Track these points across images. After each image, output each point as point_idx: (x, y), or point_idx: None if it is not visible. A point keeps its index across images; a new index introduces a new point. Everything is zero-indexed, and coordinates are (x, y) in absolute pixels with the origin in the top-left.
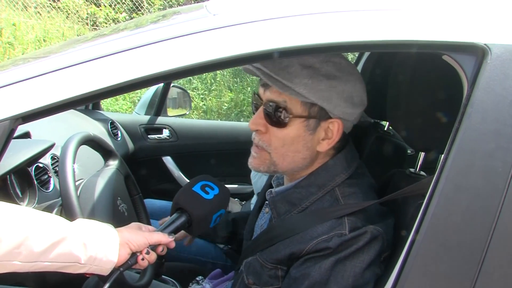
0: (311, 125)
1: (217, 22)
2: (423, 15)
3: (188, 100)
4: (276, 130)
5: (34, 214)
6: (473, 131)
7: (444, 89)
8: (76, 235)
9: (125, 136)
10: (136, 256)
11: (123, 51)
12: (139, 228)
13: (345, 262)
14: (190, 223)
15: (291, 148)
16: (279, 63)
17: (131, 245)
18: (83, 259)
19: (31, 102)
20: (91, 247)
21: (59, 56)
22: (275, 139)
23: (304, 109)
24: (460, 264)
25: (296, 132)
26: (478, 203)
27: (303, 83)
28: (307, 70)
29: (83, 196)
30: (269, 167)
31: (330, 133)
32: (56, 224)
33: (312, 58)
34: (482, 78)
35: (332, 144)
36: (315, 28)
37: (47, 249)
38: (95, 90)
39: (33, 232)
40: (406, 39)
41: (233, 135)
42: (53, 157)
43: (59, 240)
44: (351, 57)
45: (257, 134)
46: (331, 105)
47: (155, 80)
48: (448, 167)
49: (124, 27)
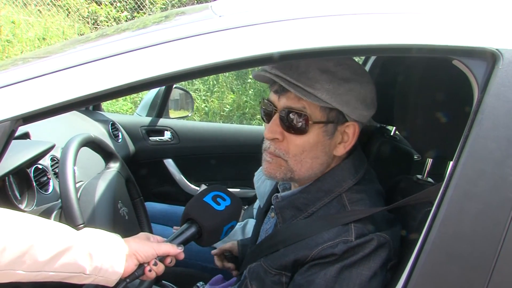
0: (329, 130)
1: (223, 24)
2: (433, 19)
3: (191, 102)
4: (295, 138)
5: (39, 222)
6: (483, 138)
7: (453, 95)
8: (82, 245)
9: (126, 138)
10: (144, 267)
11: (127, 52)
12: (147, 238)
13: (351, 269)
14: (200, 235)
15: (310, 154)
16: (296, 68)
17: (138, 256)
18: (88, 270)
19: (33, 103)
20: (97, 258)
21: (62, 56)
22: (294, 147)
23: (323, 114)
24: (470, 274)
25: (315, 138)
26: (488, 212)
27: (325, 89)
28: (326, 75)
29: (83, 199)
30: (285, 174)
31: (346, 137)
32: (62, 232)
33: (326, 61)
34: (493, 84)
35: (348, 147)
36: (323, 31)
37: (52, 258)
38: (98, 91)
39: (38, 240)
40: (415, 43)
41: (236, 138)
42: (52, 158)
43: (64, 249)
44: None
45: (273, 143)
46: (349, 108)
47: (160, 82)
48: (457, 175)
49: (127, 27)
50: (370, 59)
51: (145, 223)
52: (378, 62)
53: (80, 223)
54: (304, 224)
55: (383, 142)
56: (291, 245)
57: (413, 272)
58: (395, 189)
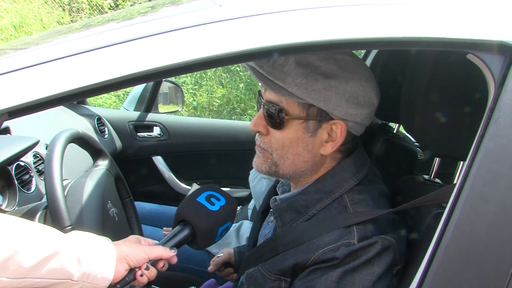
0: (311, 127)
1: (223, 14)
2: (446, 10)
3: (181, 96)
4: (275, 132)
5: (24, 225)
6: (500, 137)
7: (467, 91)
8: (70, 249)
9: (112, 134)
10: (135, 272)
11: (119, 43)
12: (138, 241)
13: (353, 274)
14: (194, 237)
15: (291, 150)
16: (273, 61)
17: (129, 260)
18: (76, 276)
19: (20, 96)
20: (85, 263)
21: (45, 47)
22: (275, 141)
23: (301, 110)
24: (486, 281)
25: (294, 134)
26: (506, 215)
27: (296, 83)
28: (303, 69)
29: (70, 198)
30: (270, 167)
31: (334, 135)
32: (48, 237)
33: (312, 55)
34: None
35: (336, 146)
36: (330, 22)
37: (38, 264)
38: (87, 85)
39: (23, 245)
40: (426, 36)
41: (230, 134)
42: (35, 155)
43: (51, 254)
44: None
45: (259, 136)
46: (329, 105)
47: (154, 76)
48: (472, 176)
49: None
50: (371, 53)
51: (136, 224)
52: (380, 56)
53: (67, 224)
54: (304, 227)
55: (385, 140)
56: (291, 249)
57: (425, 279)
58: (400, 189)
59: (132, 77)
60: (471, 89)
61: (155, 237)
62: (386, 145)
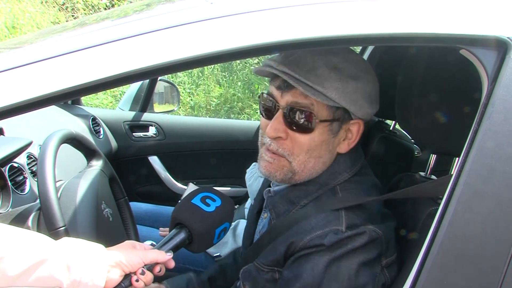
0: (334, 128)
1: (214, 12)
2: (438, 5)
3: (177, 95)
4: (299, 136)
5: (11, 232)
6: (494, 132)
7: (460, 87)
8: (59, 257)
9: (107, 134)
10: (130, 278)
11: (111, 41)
12: (132, 246)
13: (339, 263)
14: (191, 240)
15: (314, 153)
16: (303, 65)
17: (123, 265)
18: (65, 284)
19: (10, 97)
20: (75, 270)
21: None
22: (299, 146)
23: (329, 113)
24: (480, 277)
25: (321, 137)
26: (500, 211)
27: (334, 87)
28: (334, 73)
29: (64, 199)
30: (286, 175)
31: (350, 134)
32: (36, 244)
33: (333, 57)
34: (505, 75)
35: (352, 144)
36: (322, 19)
37: (25, 272)
38: (79, 84)
39: (9, 253)
40: (420, 32)
41: (226, 133)
42: (29, 156)
43: (38, 262)
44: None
45: (275, 141)
46: (356, 107)
47: (145, 74)
48: (466, 172)
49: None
50: (367, 50)
51: (131, 225)
52: (375, 53)
53: (60, 225)
54: (297, 215)
55: (381, 137)
56: (281, 236)
57: (419, 275)
58: (397, 187)
59: (126, 75)
60: (465, 85)
61: (152, 237)
62: (383, 143)
